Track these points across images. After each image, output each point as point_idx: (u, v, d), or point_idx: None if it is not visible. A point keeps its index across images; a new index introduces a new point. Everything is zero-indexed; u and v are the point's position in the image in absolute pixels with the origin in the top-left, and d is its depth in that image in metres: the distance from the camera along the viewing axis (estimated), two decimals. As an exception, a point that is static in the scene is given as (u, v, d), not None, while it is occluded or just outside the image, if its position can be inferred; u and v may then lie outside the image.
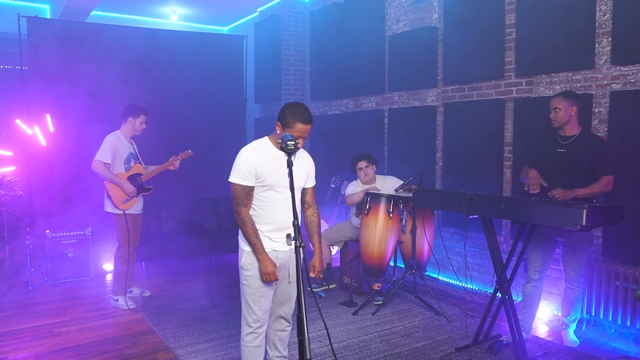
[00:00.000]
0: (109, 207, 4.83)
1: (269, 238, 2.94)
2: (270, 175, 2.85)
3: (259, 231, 2.92)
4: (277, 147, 2.90)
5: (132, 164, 4.90)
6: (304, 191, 3.11)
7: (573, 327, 4.10)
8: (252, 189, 2.88)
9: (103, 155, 4.69)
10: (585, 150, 3.71)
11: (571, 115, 3.78)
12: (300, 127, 2.78)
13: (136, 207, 4.92)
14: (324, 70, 7.54)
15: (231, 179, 2.89)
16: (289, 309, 3.09)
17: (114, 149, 4.76)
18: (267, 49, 8.28)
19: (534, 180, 3.77)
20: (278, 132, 2.85)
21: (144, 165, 5.03)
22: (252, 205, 2.93)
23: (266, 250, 2.91)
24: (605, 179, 3.64)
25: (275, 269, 2.89)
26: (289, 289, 3.07)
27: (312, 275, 3.06)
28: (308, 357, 2.02)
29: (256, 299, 2.94)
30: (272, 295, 3.01)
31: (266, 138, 2.96)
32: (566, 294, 4.00)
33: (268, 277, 2.87)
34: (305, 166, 3.04)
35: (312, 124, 2.86)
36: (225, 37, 8.69)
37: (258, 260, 2.87)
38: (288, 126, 2.79)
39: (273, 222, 2.93)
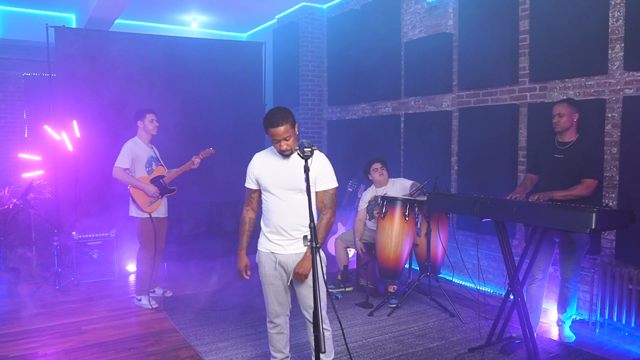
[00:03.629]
0: (133, 212, 4.95)
1: (267, 239, 3.09)
2: (265, 178, 3.02)
3: (263, 231, 3.13)
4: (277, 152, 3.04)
5: (153, 167, 5.02)
6: (315, 194, 3.06)
7: (569, 323, 4.24)
8: (254, 192, 3.13)
9: (121, 161, 4.83)
10: (580, 155, 3.88)
11: (573, 121, 3.96)
12: (272, 131, 2.88)
13: (160, 210, 5.04)
14: (341, 76, 7.67)
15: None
16: (312, 311, 2.99)
17: (133, 154, 4.88)
18: (285, 55, 8.44)
19: (517, 194, 4.04)
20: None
21: (166, 168, 5.17)
22: (262, 207, 3.13)
23: (263, 251, 3.11)
24: (586, 182, 3.82)
25: (245, 268, 3.16)
26: (305, 292, 3.02)
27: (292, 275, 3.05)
28: (323, 351, 2.14)
29: (267, 293, 3.14)
30: (283, 292, 3.12)
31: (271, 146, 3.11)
32: (562, 293, 4.15)
33: (239, 273, 3.17)
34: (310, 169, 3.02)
35: (286, 123, 2.87)
36: (244, 43, 8.87)
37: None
38: (266, 132, 2.93)
39: (270, 223, 3.05)
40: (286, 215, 3.00)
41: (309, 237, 2.46)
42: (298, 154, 2.55)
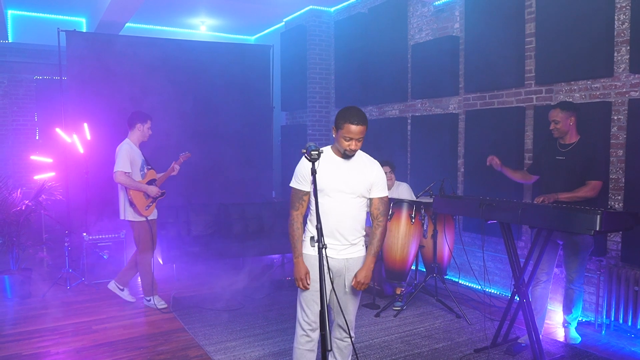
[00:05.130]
0: (130, 215, 4.91)
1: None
2: (322, 180, 2.88)
3: (311, 235, 2.90)
4: (336, 154, 2.95)
5: (145, 170, 5.03)
6: (369, 201, 3.06)
7: (574, 324, 4.27)
8: (305, 194, 2.95)
9: (123, 165, 4.77)
10: (582, 157, 3.91)
11: (570, 125, 3.99)
12: (349, 127, 2.80)
13: (154, 212, 5.08)
14: (349, 79, 7.72)
15: (290, 184, 3.01)
16: (347, 319, 3.03)
17: (130, 158, 4.85)
18: (293, 57, 8.50)
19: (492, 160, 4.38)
20: (334, 135, 2.92)
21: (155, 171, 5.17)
22: (311, 210, 2.98)
23: (314, 254, 2.90)
24: (591, 184, 3.85)
25: (307, 276, 2.90)
26: (345, 299, 3.01)
27: (352, 283, 3.01)
28: (329, 349, 2.18)
29: (309, 302, 2.95)
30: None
31: (328, 146, 3.02)
32: (568, 294, 4.17)
33: (297, 283, 2.91)
34: (366, 174, 2.99)
35: (365, 124, 2.85)
36: (253, 46, 8.94)
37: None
38: (339, 128, 2.84)
39: (326, 226, 2.87)
40: (343, 219, 2.93)
41: (315, 237, 2.47)
42: (305, 156, 2.56)
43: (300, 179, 2.95)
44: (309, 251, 2.97)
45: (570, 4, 4.71)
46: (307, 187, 2.93)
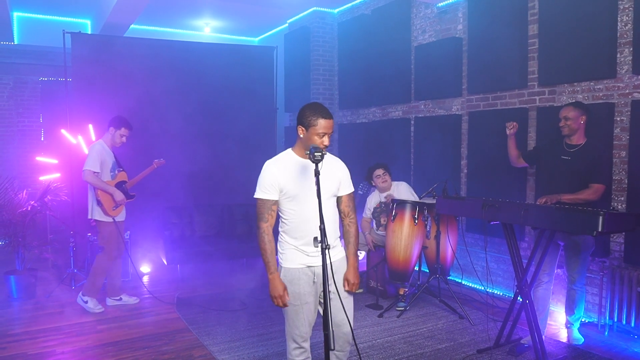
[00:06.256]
0: (97, 215, 4.95)
1: (303, 253, 2.82)
2: (293, 186, 2.77)
3: (292, 246, 2.84)
4: (302, 156, 2.82)
5: (116, 172, 5.08)
6: (338, 199, 2.96)
7: (577, 325, 4.27)
8: (274, 203, 2.81)
9: (92, 164, 4.83)
10: (587, 159, 3.91)
11: (580, 124, 4.00)
12: (323, 122, 2.71)
13: (122, 214, 5.11)
14: (352, 80, 7.75)
15: (255, 195, 2.84)
16: (346, 329, 2.84)
17: (101, 158, 4.90)
18: (296, 59, 8.53)
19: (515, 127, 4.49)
20: (301, 135, 2.77)
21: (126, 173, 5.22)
22: (284, 220, 2.85)
23: (298, 267, 2.82)
24: (594, 187, 3.86)
25: (285, 292, 2.76)
26: (338, 306, 2.77)
27: (346, 288, 2.88)
28: (332, 348, 2.20)
29: (298, 315, 2.83)
30: (313, 309, 2.87)
31: (289, 150, 2.90)
32: (570, 295, 4.19)
33: (275, 301, 2.76)
34: (334, 172, 2.90)
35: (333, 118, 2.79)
36: (256, 48, 8.96)
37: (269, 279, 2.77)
38: (311, 124, 2.71)
39: (306, 234, 2.78)
40: (325, 222, 2.71)
41: (319, 238, 2.44)
42: (310, 159, 2.53)
43: (267, 188, 2.79)
44: (291, 264, 2.84)
45: (573, 5, 4.72)
46: (274, 195, 2.79)
